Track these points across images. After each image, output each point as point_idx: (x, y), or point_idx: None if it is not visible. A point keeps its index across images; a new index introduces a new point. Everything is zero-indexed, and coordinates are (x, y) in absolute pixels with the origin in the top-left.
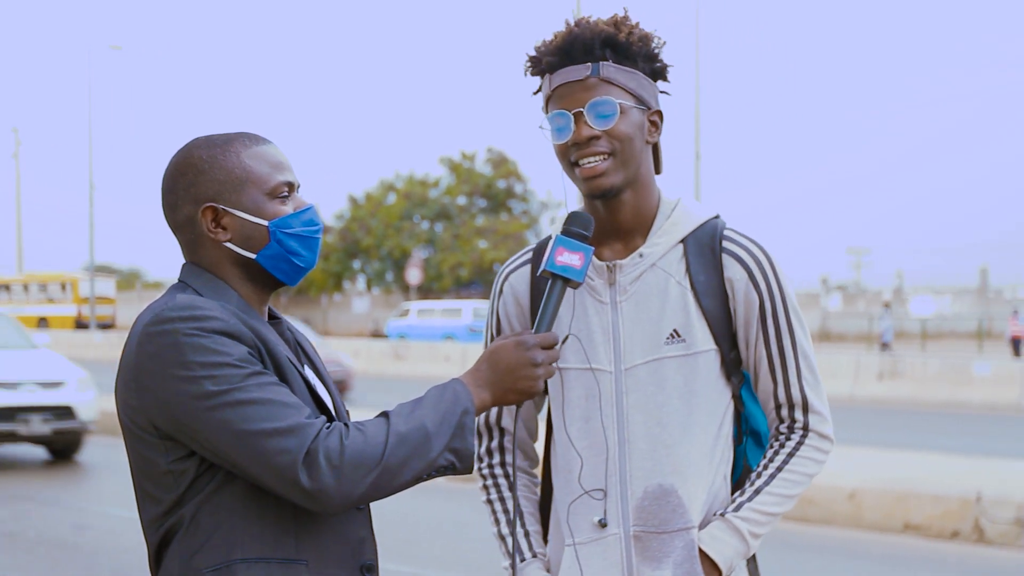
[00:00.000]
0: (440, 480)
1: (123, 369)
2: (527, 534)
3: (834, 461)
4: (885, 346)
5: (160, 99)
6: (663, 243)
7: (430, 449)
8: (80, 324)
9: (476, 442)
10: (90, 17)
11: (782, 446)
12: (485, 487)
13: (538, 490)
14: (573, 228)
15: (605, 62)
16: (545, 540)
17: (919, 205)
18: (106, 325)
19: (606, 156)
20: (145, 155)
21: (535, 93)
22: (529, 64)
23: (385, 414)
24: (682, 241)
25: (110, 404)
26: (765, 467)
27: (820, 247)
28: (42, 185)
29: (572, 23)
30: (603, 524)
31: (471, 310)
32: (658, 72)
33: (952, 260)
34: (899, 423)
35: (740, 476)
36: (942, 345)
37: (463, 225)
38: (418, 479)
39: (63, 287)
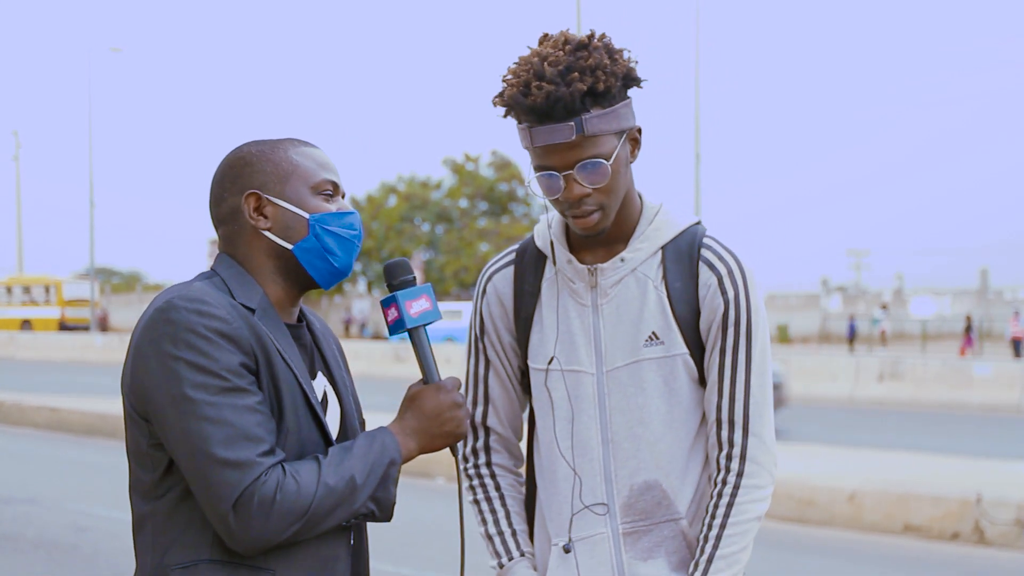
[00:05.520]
0: (438, 481)
1: (129, 346)
2: (514, 533)
3: (834, 462)
4: (883, 335)
5: (160, 101)
6: (644, 249)
7: (355, 500)
8: (64, 326)
9: (396, 491)
10: (90, 20)
11: (720, 496)
12: (472, 487)
13: (523, 489)
14: (397, 280)
15: (587, 114)
16: (531, 539)
17: (919, 207)
18: (106, 328)
19: (597, 209)
20: (145, 157)
21: (504, 116)
22: (501, 109)
23: (317, 459)
24: (662, 248)
25: (109, 407)
26: (709, 527)
27: (820, 248)
28: (43, 187)
29: (539, 66)
30: (566, 550)
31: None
32: (632, 84)
33: (952, 262)
34: (899, 424)
35: None
36: (942, 346)
37: (464, 228)
38: (337, 525)
39: (47, 290)
